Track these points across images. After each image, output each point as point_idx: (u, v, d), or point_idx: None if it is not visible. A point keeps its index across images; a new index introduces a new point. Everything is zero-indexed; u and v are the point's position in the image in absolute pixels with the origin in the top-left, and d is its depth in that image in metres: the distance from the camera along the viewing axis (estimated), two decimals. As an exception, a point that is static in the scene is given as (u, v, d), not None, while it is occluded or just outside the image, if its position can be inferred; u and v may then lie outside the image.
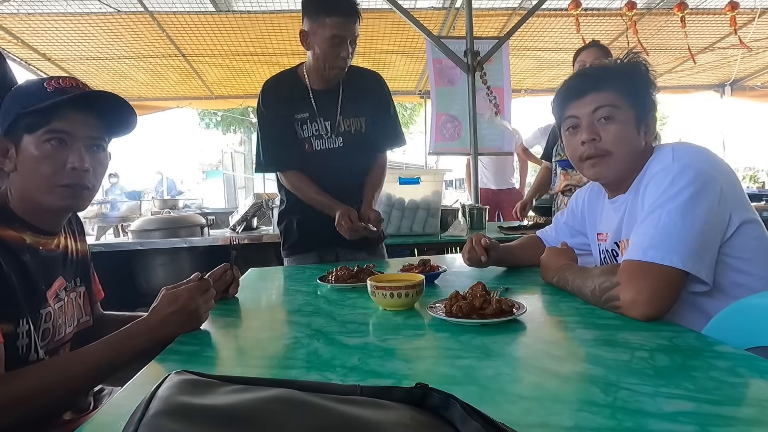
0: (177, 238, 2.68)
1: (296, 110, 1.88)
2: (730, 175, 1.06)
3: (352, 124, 1.90)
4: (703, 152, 1.07)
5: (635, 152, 1.13)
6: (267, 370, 0.78)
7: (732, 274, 1.02)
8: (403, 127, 2.44)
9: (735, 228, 1.01)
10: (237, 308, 1.22)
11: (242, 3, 4.21)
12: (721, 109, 6.97)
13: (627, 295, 0.95)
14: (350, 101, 1.90)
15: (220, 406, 0.38)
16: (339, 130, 1.88)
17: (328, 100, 1.88)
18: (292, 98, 1.88)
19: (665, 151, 1.09)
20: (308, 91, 1.87)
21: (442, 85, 3.80)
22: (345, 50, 1.76)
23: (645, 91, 1.14)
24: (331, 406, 0.41)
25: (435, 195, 2.65)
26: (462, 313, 0.93)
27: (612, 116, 1.11)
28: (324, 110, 1.87)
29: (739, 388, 0.63)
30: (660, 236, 0.97)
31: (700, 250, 0.96)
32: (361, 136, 1.91)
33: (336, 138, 1.89)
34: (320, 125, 1.88)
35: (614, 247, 1.22)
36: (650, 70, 1.15)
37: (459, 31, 4.45)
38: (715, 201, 0.99)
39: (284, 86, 1.91)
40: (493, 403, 0.61)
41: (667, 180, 1.02)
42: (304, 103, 1.87)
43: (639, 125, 1.12)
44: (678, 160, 1.04)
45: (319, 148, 1.88)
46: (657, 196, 1.02)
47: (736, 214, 1.02)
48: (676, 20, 4.24)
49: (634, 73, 1.14)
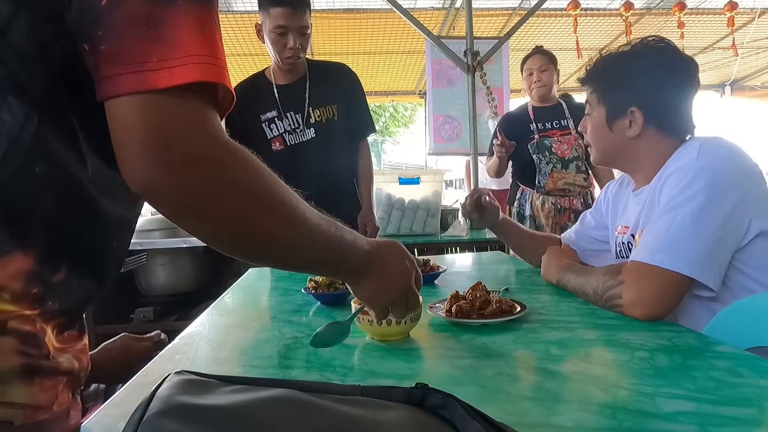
0: (177, 238, 2.68)
1: (262, 110, 1.88)
2: (755, 179, 1.01)
3: (323, 113, 1.90)
4: (731, 152, 1.03)
5: (614, 146, 1.16)
6: (267, 370, 0.78)
7: (743, 279, 0.99)
8: (403, 127, 2.47)
9: (754, 235, 0.97)
10: (237, 308, 1.22)
11: (242, 3, 4.21)
12: (721, 109, 6.97)
13: (629, 295, 0.94)
14: (319, 90, 1.90)
15: (220, 406, 0.38)
16: (310, 121, 1.89)
17: (296, 93, 1.88)
18: (258, 99, 1.89)
19: (693, 146, 1.05)
20: (273, 88, 1.88)
21: (440, 86, 3.80)
22: (291, 41, 1.77)
23: (622, 85, 1.13)
24: (331, 406, 0.41)
25: (435, 195, 2.65)
26: (462, 313, 0.93)
27: (589, 113, 1.19)
28: (292, 104, 1.88)
29: (739, 388, 0.63)
30: (670, 240, 0.95)
31: (709, 257, 0.94)
32: (334, 124, 1.92)
33: (308, 130, 1.89)
34: (291, 119, 1.88)
35: (630, 240, 1.19)
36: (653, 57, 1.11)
37: (459, 31, 4.45)
38: (732, 207, 0.95)
39: (249, 88, 1.92)
40: (493, 403, 0.61)
41: (686, 179, 0.98)
42: (269, 102, 1.88)
43: (610, 121, 1.14)
44: (702, 158, 1.00)
45: (292, 143, 1.89)
46: (674, 195, 0.99)
47: (757, 221, 0.97)
48: (676, 20, 4.23)
49: (612, 69, 1.15)
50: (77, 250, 0.53)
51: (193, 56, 0.48)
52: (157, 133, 0.48)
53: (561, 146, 2.62)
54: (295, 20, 1.75)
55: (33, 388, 0.47)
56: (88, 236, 0.54)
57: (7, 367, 0.46)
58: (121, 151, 0.49)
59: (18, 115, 0.47)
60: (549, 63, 2.64)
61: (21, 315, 0.47)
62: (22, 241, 0.47)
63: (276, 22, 1.75)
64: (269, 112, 1.88)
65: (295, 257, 0.63)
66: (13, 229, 0.47)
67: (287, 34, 1.76)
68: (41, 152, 0.48)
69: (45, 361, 0.49)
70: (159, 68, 0.46)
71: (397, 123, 13.91)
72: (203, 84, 0.49)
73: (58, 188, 0.50)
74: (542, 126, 2.66)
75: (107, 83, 0.47)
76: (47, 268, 0.49)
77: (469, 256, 2.12)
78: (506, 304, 0.95)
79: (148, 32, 0.46)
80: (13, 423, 0.46)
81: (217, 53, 0.50)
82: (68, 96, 0.50)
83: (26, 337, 0.47)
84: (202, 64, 0.48)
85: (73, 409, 0.54)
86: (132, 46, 0.46)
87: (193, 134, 0.50)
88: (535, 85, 2.65)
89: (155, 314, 2.48)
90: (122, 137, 0.48)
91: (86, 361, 0.56)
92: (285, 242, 0.59)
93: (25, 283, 0.47)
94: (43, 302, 0.49)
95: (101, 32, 0.46)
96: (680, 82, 1.11)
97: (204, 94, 0.50)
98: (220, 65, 0.50)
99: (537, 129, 2.66)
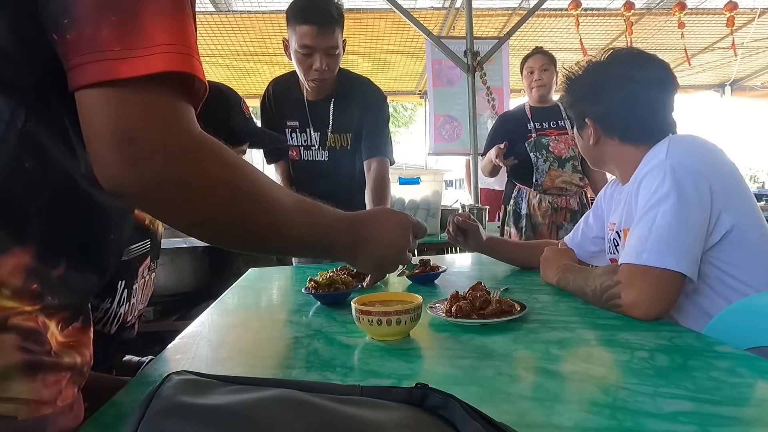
0: (177, 238, 2.68)
1: (288, 117, 1.87)
2: (727, 173, 1.05)
3: (338, 140, 1.88)
4: (698, 148, 1.07)
5: (587, 153, 1.28)
6: (267, 370, 0.78)
7: (720, 274, 1.02)
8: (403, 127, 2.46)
9: (725, 230, 1.00)
10: (237, 308, 1.22)
11: (242, 3, 4.21)
12: (721, 109, 6.97)
13: (629, 295, 0.95)
14: (341, 113, 1.85)
15: (220, 406, 0.38)
16: (326, 144, 1.87)
17: (321, 113, 1.85)
18: (288, 104, 1.87)
19: (662, 146, 1.09)
20: (304, 103, 1.84)
21: (440, 86, 3.80)
22: (318, 62, 1.66)
23: (575, 100, 1.24)
24: (331, 406, 0.41)
25: (435, 195, 2.66)
26: (462, 313, 0.93)
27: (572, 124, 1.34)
28: (317, 121, 1.85)
29: (739, 388, 0.63)
30: (654, 239, 0.97)
31: (692, 251, 0.97)
32: (345, 152, 1.89)
33: (323, 151, 1.88)
34: (309, 136, 1.86)
35: (616, 237, 1.23)
36: (602, 68, 1.18)
37: (459, 31, 4.45)
38: (703, 200, 0.99)
39: (285, 88, 1.89)
40: (493, 403, 0.61)
41: (658, 179, 1.02)
42: (298, 112, 1.86)
43: (580, 131, 1.26)
44: (670, 156, 1.04)
45: (307, 159, 1.89)
46: (649, 195, 1.02)
47: (729, 214, 1.00)
48: (676, 20, 4.23)
49: (571, 83, 1.24)
50: (75, 243, 0.53)
51: (161, 45, 0.45)
52: (123, 126, 0.45)
53: (558, 145, 2.63)
54: (322, 40, 1.62)
55: (36, 384, 0.47)
56: (85, 229, 0.54)
57: (9, 363, 0.45)
58: (89, 147, 0.47)
59: (3, 111, 0.46)
60: (550, 63, 2.67)
61: (22, 311, 0.47)
62: (20, 237, 0.47)
63: (302, 41, 1.62)
64: (293, 121, 1.87)
65: (276, 243, 0.64)
66: (9, 226, 0.47)
67: (313, 55, 1.65)
68: (31, 148, 0.48)
69: (47, 357, 0.49)
70: (122, 57, 0.44)
71: (397, 123, 13.93)
72: (173, 75, 0.46)
73: (51, 183, 0.50)
74: (539, 125, 2.68)
75: (74, 74, 0.45)
76: (46, 263, 0.49)
77: (469, 256, 2.11)
78: (506, 304, 0.95)
79: (110, 18, 0.44)
80: (17, 418, 0.46)
81: (188, 42, 0.48)
82: (56, 91, 0.48)
83: (28, 334, 0.47)
84: (171, 53, 0.46)
85: (77, 404, 0.54)
86: (94, 32, 0.44)
87: (162, 128, 0.47)
88: (536, 84, 2.66)
89: (155, 314, 2.48)
90: (88, 131, 0.46)
91: (89, 355, 0.56)
92: (261, 229, 0.60)
93: (24, 279, 0.47)
94: (44, 297, 0.49)
95: (67, 20, 0.44)
96: (639, 89, 1.13)
97: (174, 85, 0.47)
98: (190, 54, 0.48)
99: (534, 128, 2.67)
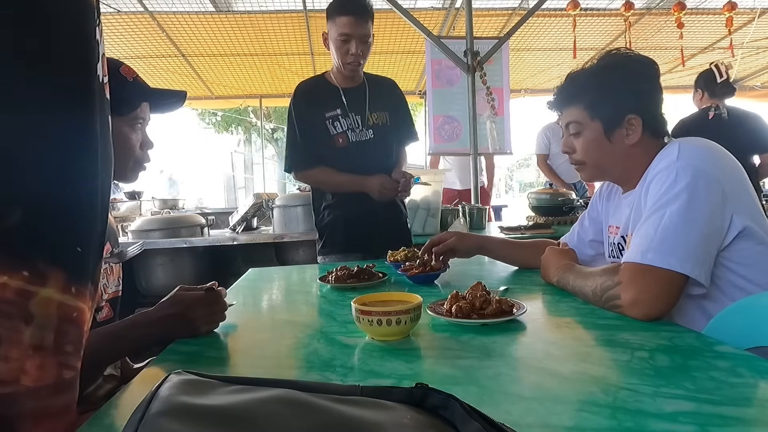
0: (177, 238, 2.68)
1: (327, 109, 2.05)
2: (736, 176, 1.04)
3: (379, 117, 2.11)
4: (709, 151, 1.06)
5: (613, 157, 1.16)
6: (267, 370, 0.78)
7: (731, 276, 1.01)
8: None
9: (737, 231, 1.00)
10: (237, 308, 1.22)
11: (242, 3, 4.21)
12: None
13: (628, 295, 0.95)
14: (375, 97, 2.11)
15: (220, 406, 0.38)
16: (368, 123, 2.08)
17: (358, 97, 2.07)
18: (323, 99, 2.06)
19: (672, 148, 1.08)
20: (339, 90, 2.07)
21: (440, 86, 3.80)
22: (354, 47, 1.94)
23: (614, 97, 1.14)
24: (331, 406, 0.41)
25: (435, 195, 2.66)
26: (462, 313, 0.93)
27: (578, 131, 1.17)
28: (354, 105, 2.07)
29: (739, 388, 0.63)
30: (659, 239, 0.96)
31: (699, 253, 0.96)
32: (386, 128, 2.12)
33: (367, 131, 2.08)
34: (352, 120, 2.06)
35: (621, 241, 1.22)
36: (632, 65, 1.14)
37: (459, 31, 4.45)
38: (715, 202, 0.98)
39: (314, 89, 2.09)
40: (493, 403, 0.61)
41: (670, 179, 1.01)
42: (335, 102, 2.06)
43: (609, 133, 1.14)
44: (682, 158, 1.03)
45: (353, 140, 2.07)
46: (659, 195, 1.01)
47: (739, 216, 1.00)
48: (676, 20, 4.23)
49: (597, 83, 1.15)
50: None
51: None
52: None
53: None
54: (358, 29, 1.91)
55: None
56: None
57: None
58: None
59: None
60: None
61: None
62: None
63: (341, 30, 1.91)
64: (334, 111, 2.05)
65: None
66: None
67: (350, 41, 1.93)
68: None
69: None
70: None
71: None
72: None
73: None
74: None
75: None
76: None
77: (469, 256, 2.12)
78: (506, 304, 0.95)
79: None
80: None
81: None
82: None
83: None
84: None
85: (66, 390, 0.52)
86: None
87: None
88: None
89: (155, 314, 2.48)
90: None
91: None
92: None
93: None
94: None
95: None
96: (656, 85, 1.16)
97: None
98: None
99: None
